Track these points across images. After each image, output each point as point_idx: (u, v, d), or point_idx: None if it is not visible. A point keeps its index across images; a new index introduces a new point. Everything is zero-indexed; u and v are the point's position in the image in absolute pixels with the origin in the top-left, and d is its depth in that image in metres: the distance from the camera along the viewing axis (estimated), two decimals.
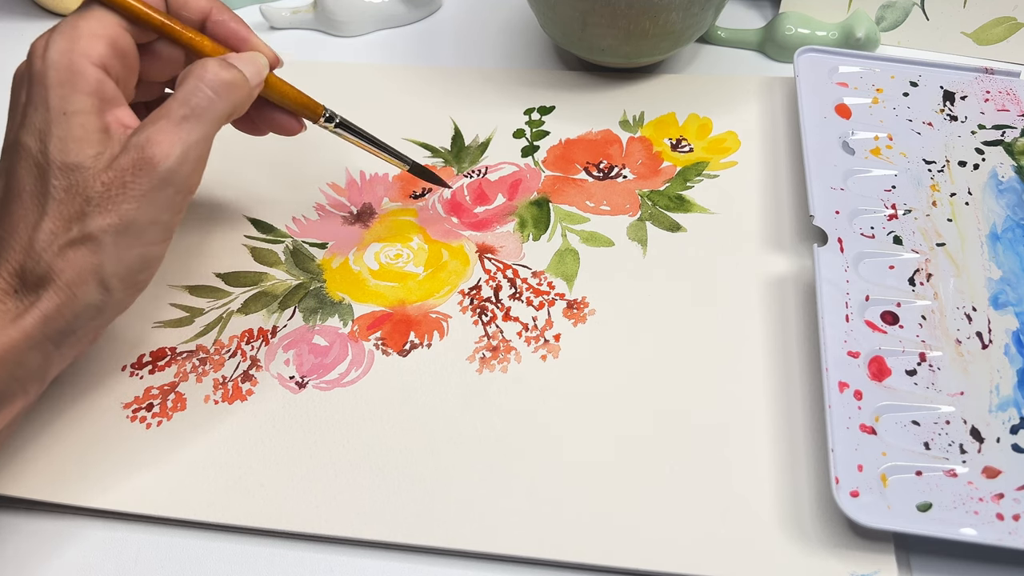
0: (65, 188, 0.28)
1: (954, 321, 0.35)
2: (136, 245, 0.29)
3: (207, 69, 0.30)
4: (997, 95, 0.44)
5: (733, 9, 0.53)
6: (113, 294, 0.29)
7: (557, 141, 0.46)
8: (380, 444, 0.34)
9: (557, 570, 0.32)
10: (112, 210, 0.28)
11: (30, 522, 0.34)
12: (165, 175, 0.29)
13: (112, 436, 0.35)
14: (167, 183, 0.29)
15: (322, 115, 0.37)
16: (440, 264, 0.41)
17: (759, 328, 0.37)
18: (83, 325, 0.30)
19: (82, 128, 0.29)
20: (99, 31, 0.30)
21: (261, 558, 0.32)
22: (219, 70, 0.30)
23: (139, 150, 0.29)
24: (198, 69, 0.30)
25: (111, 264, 0.29)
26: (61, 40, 0.29)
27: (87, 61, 0.29)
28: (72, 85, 0.29)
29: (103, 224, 0.28)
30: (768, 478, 0.33)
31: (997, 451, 0.31)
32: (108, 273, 0.29)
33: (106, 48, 0.30)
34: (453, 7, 0.56)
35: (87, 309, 0.29)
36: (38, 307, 0.28)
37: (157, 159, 0.29)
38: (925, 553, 0.31)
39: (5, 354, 0.28)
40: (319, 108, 0.37)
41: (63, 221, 0.28)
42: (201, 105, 0.30)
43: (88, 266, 0.29)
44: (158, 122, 0.29)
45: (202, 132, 0.30)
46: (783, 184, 0.43)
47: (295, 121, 0.37)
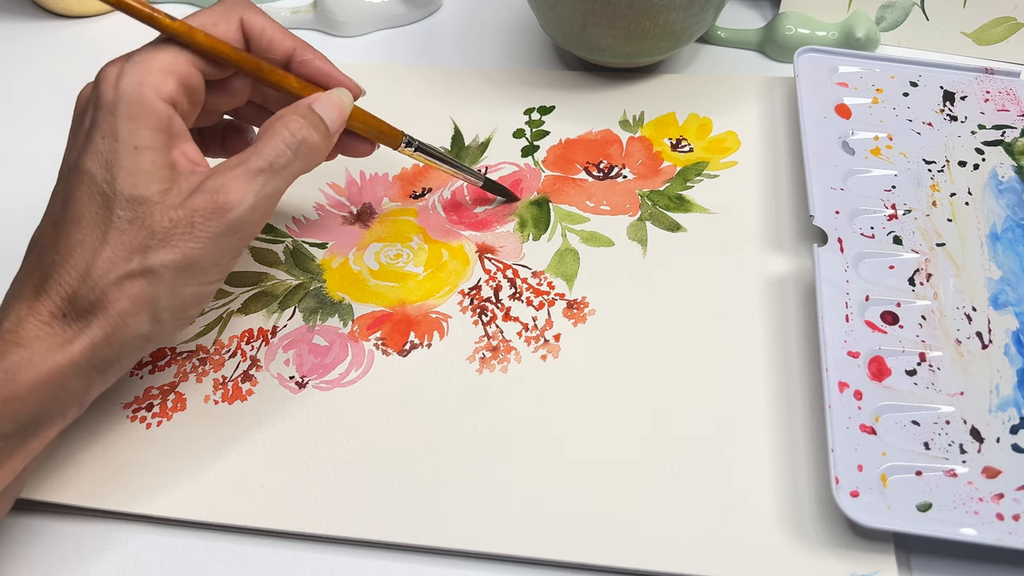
0: (130, 220, 0.29)
1: (954, 321, 0.35)
2: (193, 283, 0.30)
3: (289, 127, 0.31)
4: (997, 95, 0.44)
5: (733, 9, 0.53)
6: (163, 326, 0.30)
7: (557, 141, 0.46)
8: (380, 444, 0.34)
9: (557, 570, 0.32)
10: (176, 247, 0.29)
11: (30, 522, 0.34)
12: (234, 222, 0.29)
13: (112, 436, 0.35)
14: (234, 230, 0.29)
15: (402, 141, 0.37)
16: (440, 264, 0.41)
17: (759, 328, 0.37)
18: (130, 355, 0.30)
19: (151, 163, 0.29)
20: (172, 67, 0.30)
21: (261, 558, 0.32)
22: (302, 130, 0.31)
23: (214, 194, 0.29)
24: (279, 125, 0.31)
25: (166, 298, 0.29)
26: (134, 72, 0.29)
27: (157, 96, 0.29)
28: (143, 120, 0.29)
29: (165, 259, 0.29)
30: (768, 478, 0.33)
31: (997, 451, 0.31)
32: (162, 306, 0.29)
33: (177, 85, 0.30)
34: (453, 7, 0.56)
35: (135, 339, 0.29)
36: (87, 334, 0.28)
37: (230, 206, 0.29)
38: (925, 553, 0.31)
39: (49, 379, 0.28)
40: (399, 135, 0.37)
41: (124, 252, 0.28)
42: (279, 163, 0.30)
43: (144, 298, 0.29)
44: (236, 169, 0.29)
45: (275, 187, 0.30)
46: (783, 184, 0.43)
47: (368, 145, 0.37)
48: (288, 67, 0.34)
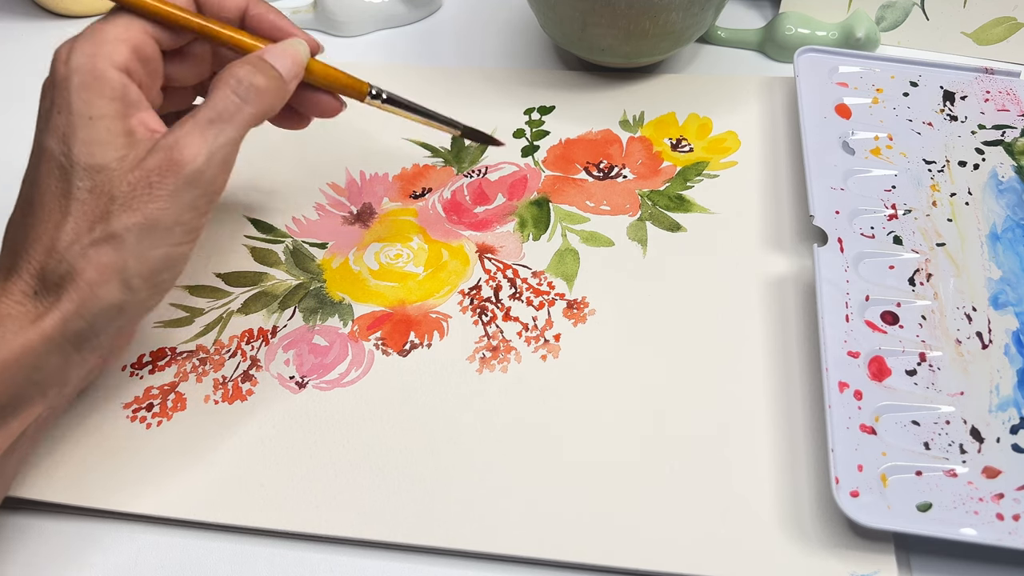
0: (89, 189, 0.29)
1: (954, 321, 0.35)
2: (160, 245, 0.29)
3: (235, 75, 0.30)
4: (997, 95, 0.44)
5: (733, 9, 0.53)
6: (135, 293, 0.29)
7: (557, 141, 0.46)
8: (380, 444, 0.34)
9: (557, 570, 0.32)
10: (137, 209, 0.29)
11: (30, 522, 0.34)
12: (191, 176, 0.29)
13: (112, 436, 0.35)
14: (193, 184, 0.29)
15: (368, 92, 0.37)
16: (440, 264, 0.41)
17: (759, 328, 0.37)
18: (104, 327, 0.29)
19: (107, 131, 0.29)
20: (123, 36, 0.30)
21: (261, 558, 0.32)
22: (248, 75, 0.31)
23: (167, 152, 0.29)
24: (226, 75, 0.31)
25: (134, 263, 0.29)
26: (85, 45, 0.29)
27: (110, 65, 0.29)
28: (96, 89, 0.29)
29: (127, 223, 0.28)
30: (768, 478, 0.33)
31: (997, 451, 0.31)
32: (131, 272, 0.29)
33: (130, 53, 0.30)
34: (453, 7, 0.56)
35: (108, 309, 0.29)
36: (58, 308, 0.28)
37: (184, 161, 0.29)
38: (925, 553, 0.31)
39: (23, 356, 0.28)
40: (364, 86, 0.37)
41: (87, 222, 0.28)
42: (229, 111, 0.30)
43: (111, 264, 0.28)
44: (186, 125, 0.29)
45: (228, 136, 0.30)
46: (783, 184, 0.43)
47: (336, 100, 0.36)
48: (242, 25, 0.34)
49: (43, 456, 0.34)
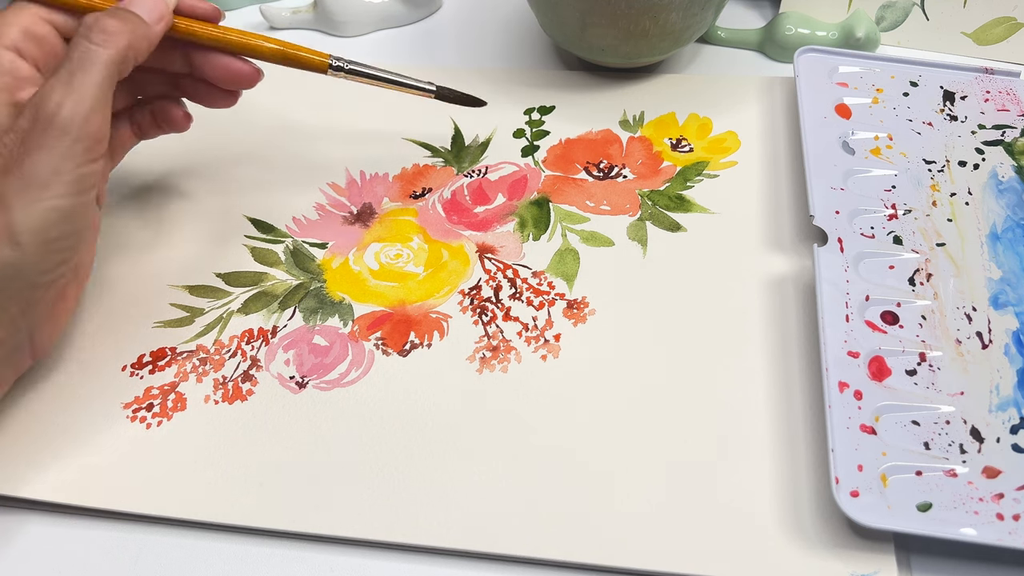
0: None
1: (954, 321, 0.35)
2: (42, 197, 0.30)
3: (85, 23, 0.32)
4: (997, 95, 0.44)
5: (733, 9, 0.53)
6: (25, 249, 0.29)
7: (557, 141, 0.46)
8: (380, 444, 0.34)
9: (557, 570, 0.32)
10: (15, 168, 0.29)
11: (30, 522, 0.33)
12: (60, 126, 0.30)
13: (112, 436, 0.35)
14: (64, 132, 0.30)
15: (329, 64, 0.37)
16: (440, 264, 0.41)
17: (759, 328, 0.37)
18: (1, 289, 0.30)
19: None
20: (12, 20, 0.32)
21: (261, 558, 0.32)
22: (96, 21, 0.31)
23: (33, 108, 0.30)
24: (80, 26, 0.32)
25: (19, 218, 0.29)
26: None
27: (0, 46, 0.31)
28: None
29: (7, 182, 0.29)
30: (768, 478, 0.33)
31: (997, 451, 0.31)
32: (17, 228, 0.29)
33: (19, 33, 0.32)
34: (453, 7, 0.56)
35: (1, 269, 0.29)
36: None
37: (49, 112, 0.30)
38: (925, 553, 0.31)
39: None
40: (325, 58, 0.37)
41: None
42: (84, 57, 0.31)
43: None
44: (50, 80, 0.31)
45: (91, 80, 0.31)
46: (783, 184, 0.43)
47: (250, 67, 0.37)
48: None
49: (43, 456, 0.34)
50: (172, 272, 0.41)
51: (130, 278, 0.40)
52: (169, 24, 0.34)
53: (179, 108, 0.39)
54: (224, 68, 0.37)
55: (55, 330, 0.34)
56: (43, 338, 0.33)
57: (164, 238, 0.42)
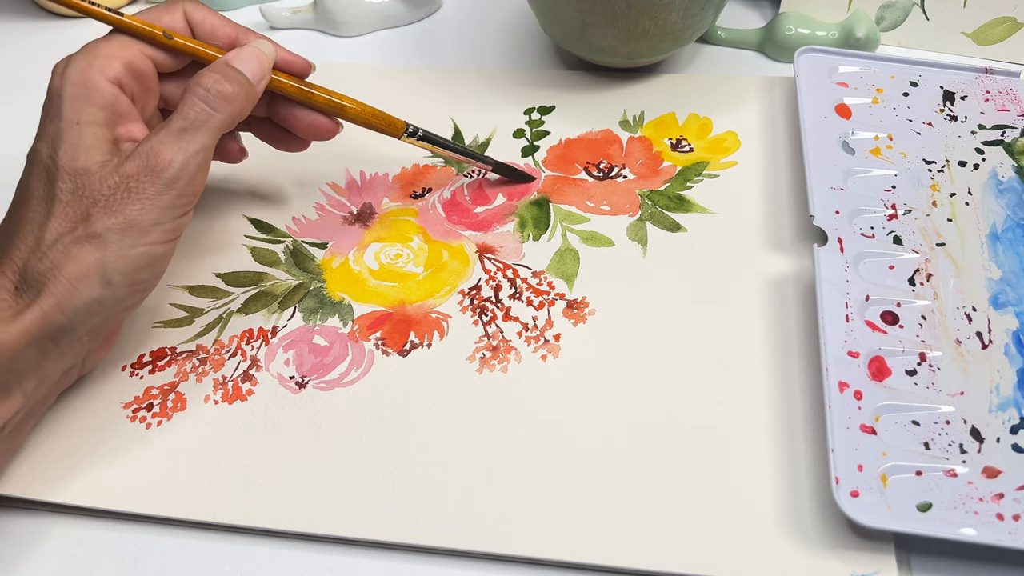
0: (72, 191, 0.30)
1: (954, 321, 0.35)
2: (140, 244, 0.31)
3: (202, 83, 0.32)
4: (997, 95, 0.44)
5: (733, 9, 0.53)
6: (115, 289, 0.30)
7: (557, 141, 0.46)
8: (380, 444, 0.34)
9: (557, 570, 0.32)
10: (117, 211, 0.30)
11: (30, 522, 0.34)
12: (168, 181, 0.31)
13: (112, 436, 0.35)
14: (170, 188, 0.31)
15: (404, 130, 0.39)
16: (440, 264, 0.41)
17: (759, 328, 0.37)
18: (83, 323, 0.30)
19: (93, 137, 0.31)
20: (117, 52, 0.32)
21: (261, 558, 0.32)
22: (215, 83, 0.32)
23: (144, 158, 0.31)
24: (194, 84, 0.32)
25: (115, 260, 0.30)
26: (80, 59, 0.32)
27: (102, 77, 0.32)
28: (87, 98, 0.31)
29: (108, 223, 0.30)
30: (768, 478, 0.33)
31: (997, 451, 0.31)
32: (111, 268, 0.30)
33: (122, 67, 0.32)
34: (453, 7, 0.56)
35: (87, 304, 0.30)
36: (38, 304, 0.29)
37: (160, 166, 0.31)
38: (925, 553, 0.31)
39: (2, 349, 0.29)
40: (400, 124, 0.39)
41: (69, 222, 0.30)
42: (199, 118, 0.32)
43: (92, 261, 0.30)
44: (160, 133, 0.31)
45: (201, 143, 0.32)
46: (783, 184, 0.43)
47: (332, 122, 0.38)
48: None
49: (42, 455, 0.34)
50: (172, 272, 0.41)
51: None
52: (268, 81, 0.35)
53: (236, 142, 0.39)
54: (308, 123, 0.38)
55: (107, 351, 0.35)
56: (95, 358, 0.34)
57: None
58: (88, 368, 0.35)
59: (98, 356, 0.34)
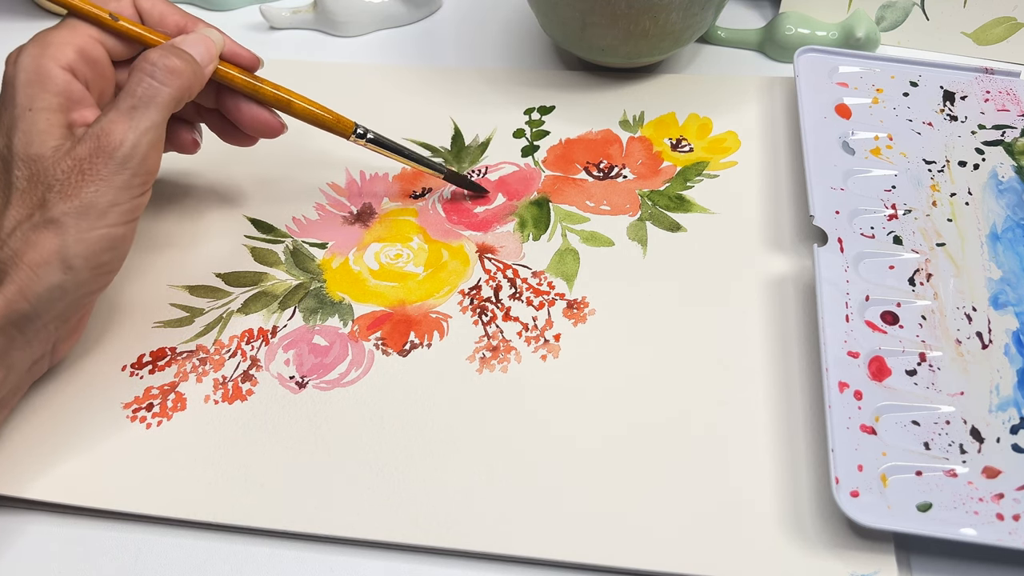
0: (27, 178, 0.30)
1: (954, 321, 0.35)
2: (98, 226, 0.31)
3: (147, 59, 0.32)
4: (997, 95, 0.44)
5: (733, 9, 0.53)
6: (77, 274, 0.30)
7: (557, 141, 0.46)
8: (380, 444, 0.34)
9: (557, 570, 0.32)
10: (73, 195, 0.30)
11: (31, 522, 0.33)
12: (121, 160, 0.31)
13: (112, 436, 0.35)
14: (123, 167, 0.31)
15: (353, 131, 0.39)
16: (440, 264, 0.41)
17: (759, 328, 0.37)
18: (47, 309, 0.31)
19: (46, 122, 0.31)
20: (68, 39, 0.32)
21: (261, 558, 0.32)
22: (159, 58, 0.32)
23: (95, 139, 0.30)
24: (141, 60, 0.32)
25: (74, 244, 0.30)
26: (33, 47, 0.32)
27: (55, 64, 0.31)
28: (40, 85, 0.31)
29: (65, 208, 0.30)
30: (768, 478, 0.33)
31: (997, 451, 0.31)
32: (71, 253, 0.30)
33: (75, 54, 0.32)
34: (453, 7, 0.56)
35: (50, 290, 0.30)
36: (1, 292, 0.29)
37: (112, 146, 0.30)
38: (925, 553, 0.31)
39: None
40: (349, 124, 0.39)
41: (26, 209, 0.30)
42: (147, 94, 0.32)
43: (51, 247, 0.30)
44: (109, 113, 0.31)
45: (151, 119, 0.32)
46: (783, 184, 0.43)
47: (276, 120, 0.38)
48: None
49: (43, 456, 0.34)
50: (172, 272, 0.41)
51: (130, 278, 0.40)
52: (215, 67, 0.35)
53: (190, 133, 0.39)
54: (253, 117, 0.37)
55: (76, 339, 0.35)
56: (64, 347, 0.35)
57: (164, 238, 0.42)
58: (58, 358, 0.35)
59: (67, 345, 0.34)
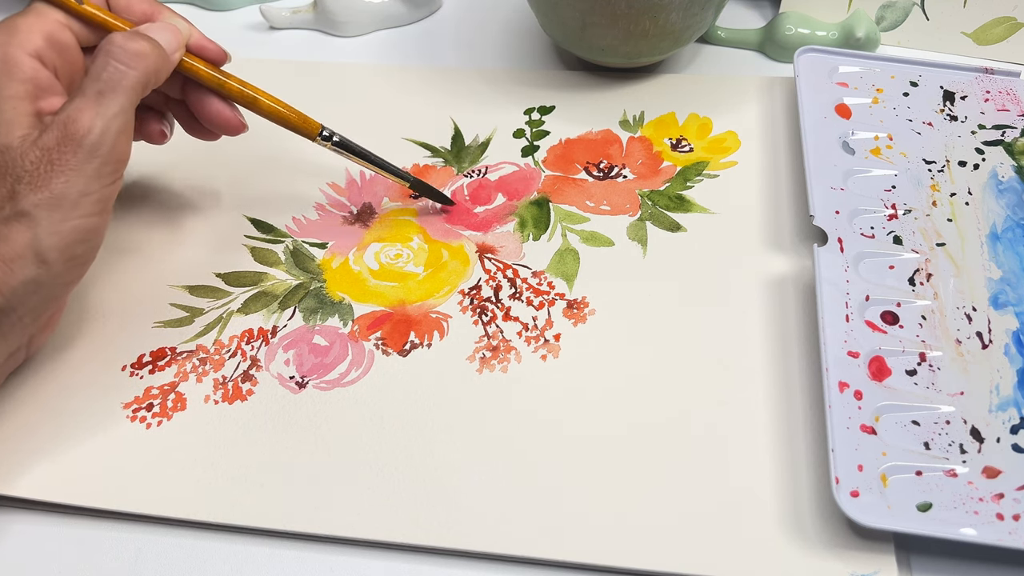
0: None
1: (954, 321, 0.35)
2: (70, 217, 0.30)
3: (113, 42, 0.31)
4: (997, 95, 0.44)
5: (733, 9, 0.53)
6: (51, 267, 0.30)
7: (557, 141, 0.46)
8: (380, 444, 0.34)
9: (557, 570, 0.32)
10: (42, 186, 0.29)
11: (30, 522, 0.33)
12: (90, 148, 0.30)
13: (112, 436, 0.35)
14: (92, 155, 0.30)
15: (319, 133, 0.38)
16: (440, 264, 0.41)
17: (759, 328, 0.37)
18: (22, 302, 0.30)
19: (13, 111, 0.30)
20: (36, 26, 0.32)
21: (261, 558, 0.32)
22: (125, 41, 0.31)
23: (62, 127, 0.30)
24: (105, 43, 0.31)
25: (46, 237, 0.29)
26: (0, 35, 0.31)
27: (22, 51, 0.31)
28: (6, 72, 0.30)
29: (35, 200, 0.29)
30: (768, 478, 0.33)
31: (997, 451, 0.31)
32: (44, 246, 0.29)
33: (42, 40, 0.31)
34: (453, 7, 0.56)
35: (24, 285, 0.30)
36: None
37: (80, 134, 0.30)
38: (925, 553, 0.31)
39: None
40: (315, 126, 0.38)
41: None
42: (113, 78, 0.31)
43: (23, 240, 0.29)
44: (75, 100, 0.30)
45: (119, 104, 0.31)
46: (783, 184, 0.43)
47: (238, 119, 0.37)
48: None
49: (42, 455, 0.34)
50: (172, 272, 0.41)
51: (130, 278, 0.40)
52: (182, 55, 0.34)
53: (158, 124, 0.38)
54: (215, 113, 0.37)
55: (50, 330, 0.35)
56: (40, 339, 0.34)
57: (164, 238, 0.42)
58: (34, 350, 0.35)
59: (42, 337, 0.34)
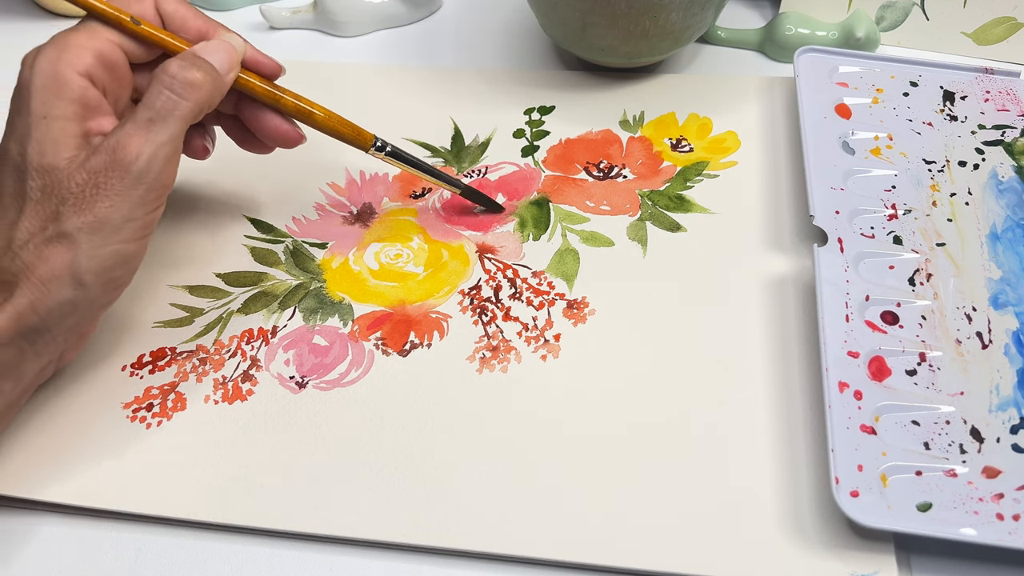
0: (41, 189, 0.29)
1: (954, 321, 0.35)
2: (111, 242, 0.30)
3: (167, 71, 0.31)
4: (997, 95, 0.44)
5: (733, 9, 0.53)
6: (88, 290, 0.30)
7: (557, 141, 0.46)
8: (380, 444, 0.34)
9: (557, 570, 0.32)
10: (87, 209, 0.29)
11: (30, 522, 0.33)
12: (137, 175, 0.30)
13: (112, 436, 0.35)
14: (139, 182, 0.30)
15: (372, 144, 0.39)
16: (440, 264, 0.41)
17: (759, 328, 0.37)
18: (57, 323, 0.30)
19: (61, 131, 0.30)
20: (87, 43, 0.31)
21: (261, 558, 0.32)
22: (179, 71, 0.31)
23: (111, 153, 0.30)
24: (160, 72, 0.31)
25: (86, 260, 0.29)
26: (50, 50, 0.31)
27: (72, 70, 0.30)
28: (55, 91, 0.30)
29: (78, 223, 0.29)
30: (768, 478, 0.33)
31: (997, 451, 0.31)
32: (83, 269, 0.29)
33: (93, 59, 0.31)
34: (453, 7, 0.56)
35: (61, 305, 0.30)
36: (11, 304, 0.29)
37: (128, 160, 0.30)
38: (925, 553, 0.31)
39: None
40: (368, 137, 0.38)
41: (39, 221, 0.29)
42: (165, 107, 0.31)
43: (63, 262, 0.29)
44: (126, 126, 0.30)
45: (169, 133, 0.31)
46: (783, 184, 0.43)
47: (296, 132, 0.37)
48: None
49: (42, 455, 0.34)
50: (172, 272, 0.41)
51: None
52: (237, 74, 0.34)
53: (202, 139, 0.38)
54: (272, 127, 0.37)
55: (81, 345, 0.35)
56: (70, 354, 0.34)
57: (164, 238, 0.42)
58: (63, 364, 0.35)
59: (72, 352, 0.34)
